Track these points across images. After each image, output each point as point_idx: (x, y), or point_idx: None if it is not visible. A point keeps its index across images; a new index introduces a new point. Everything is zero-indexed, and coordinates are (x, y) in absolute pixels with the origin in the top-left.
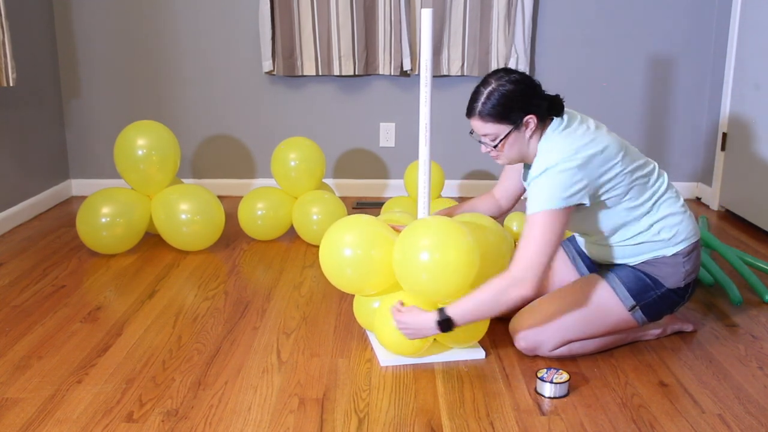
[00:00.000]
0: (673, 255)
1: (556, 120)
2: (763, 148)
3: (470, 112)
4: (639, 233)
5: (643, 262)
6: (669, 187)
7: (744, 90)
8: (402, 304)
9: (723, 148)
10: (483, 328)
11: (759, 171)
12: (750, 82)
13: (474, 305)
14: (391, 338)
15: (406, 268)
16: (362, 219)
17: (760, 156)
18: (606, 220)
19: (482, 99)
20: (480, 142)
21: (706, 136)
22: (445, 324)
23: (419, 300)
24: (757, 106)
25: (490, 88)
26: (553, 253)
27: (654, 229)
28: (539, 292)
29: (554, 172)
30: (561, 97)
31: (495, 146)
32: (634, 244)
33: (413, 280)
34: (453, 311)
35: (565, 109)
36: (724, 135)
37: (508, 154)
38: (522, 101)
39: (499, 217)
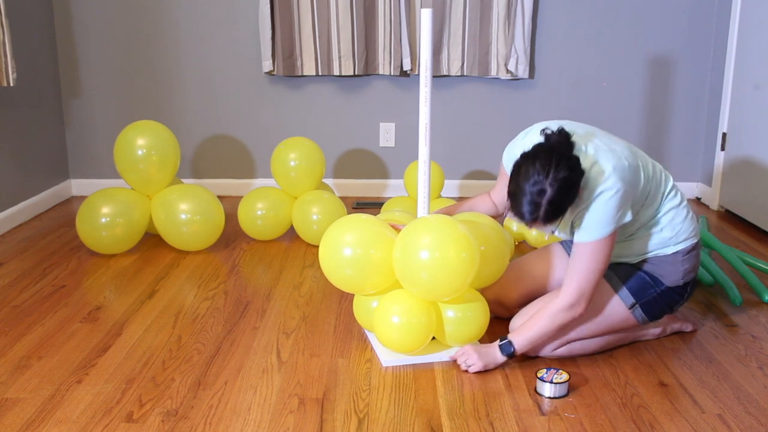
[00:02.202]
0: (673, 254)
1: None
2: (763, 148)
3: (532, 221)
4: (642, 230)
5: (642, 261)
6: (673, 186)
7: (744, 90)
8: (455, 359)
9: (723, 148)
10: (483, 328)
11: (759, 171)
12: (750, 82)
13: (536, 334)
14: (391, 335)
15: (405, 267)
16: (362, 218)
17: (760, 156)
18: (635, 224)
19: (543, 210)
20: (551, 231)
21: (706, 136)
22: (510, 354)
23: (418, 299)
24: (757, 106)
25: (547, 198)
26: (602, 274)
27: (657, 227)
28: (541, 290)
29: (609, 197)
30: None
31: (553, 231)
32: (636, 240)
33: (413, 278)
34: (517, 342)
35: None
36: (724, 135)
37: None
38: (575, 192)
39: (496, 218)
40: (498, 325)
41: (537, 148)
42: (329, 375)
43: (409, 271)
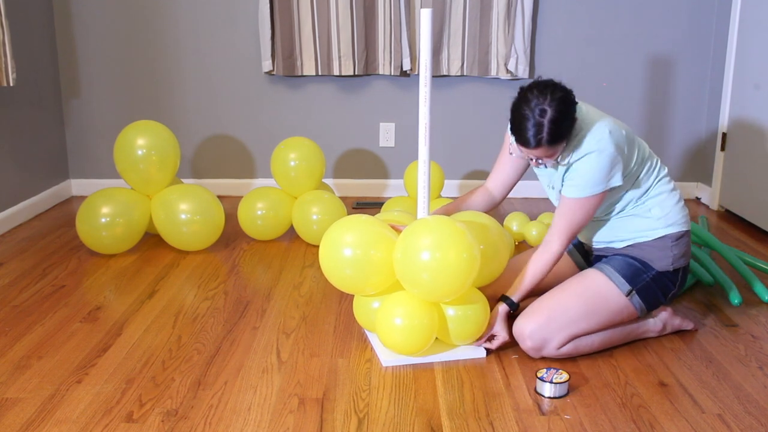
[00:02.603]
0: (660, 238)
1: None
2: (763, 148)
3: (537, 144)
4: (632, 205)
5: (629, 246)
6: (667, 174)
7: (744, 90)
8: (485, 339)
9: (723, 148)
10: (484, 326)
11: (759, 171)
12: (750, 82)
13: (530, 283)
14: (393, 338)
15: (407, 268)
16: (362, 219)
17: (760, 156)
18: (626, 195)
19: (546, 130)
20: (537, 162)
21: (706, 136)
22: (513, 306)
23: (420, 301)
24: (757, 106)
25: (549, 117)
26: (582, 226)
27: (647, 204)
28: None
29: (598, 158)
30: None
31: (555, 161)
32: (627, 219)
33: (414, 279)
34: (517, 297)
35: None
36: (724, 135)
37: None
38: (570, 117)
39: (493, 208)
40: None
41: (532, 83)
42: (329, 375)
43: (410, 272)
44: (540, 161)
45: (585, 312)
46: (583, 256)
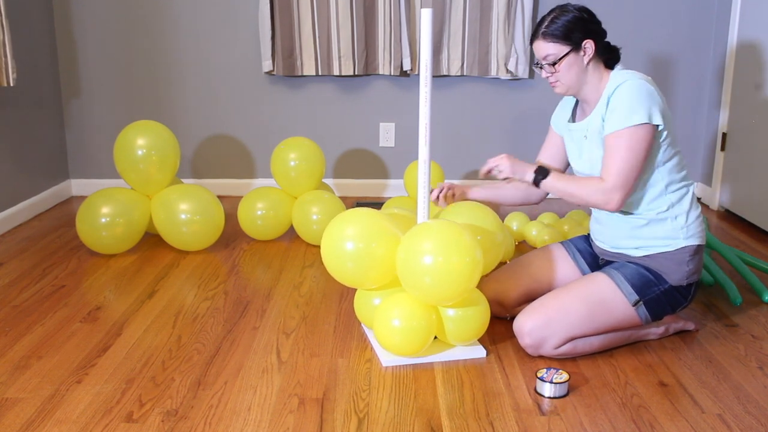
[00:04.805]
0: (679, 249)
1: (617, 66)
2: (763, 148)
3: (534, 35)
4: (661, 209)
5: (646, 256)
6: (693, 191)
7: (744, 90)
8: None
9: (723, 148)
10: (483, 327)
11: (759, 171)
12: (750, 82)
13: (565, 187)
14: (392, 339)
15: (408, 271)
16: (364, 212)
17: (760, 156)
18: (655, 174)
19: (547, 22)
20: (540, 67)
21: (706, 136)
22: (538, 180)
23: (417, 301)
24: (757, 106)
25: (554, 14)
26: (638, 173)
27: (674, 211)
28: (540, 290)
29: (636, 84)
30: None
31: (553, 65)
32: (651, 220)
33: (416, 283)
34: (551, 178)
35: None
36: (724, 135)
37: (566, 76)
38: (582, 25)
39: (537, 202)
40: (498, 324)
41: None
42: (329, 375)
43: (412, 275)
44: (542, 66)
45: (587, 316)
46: (590, 265)
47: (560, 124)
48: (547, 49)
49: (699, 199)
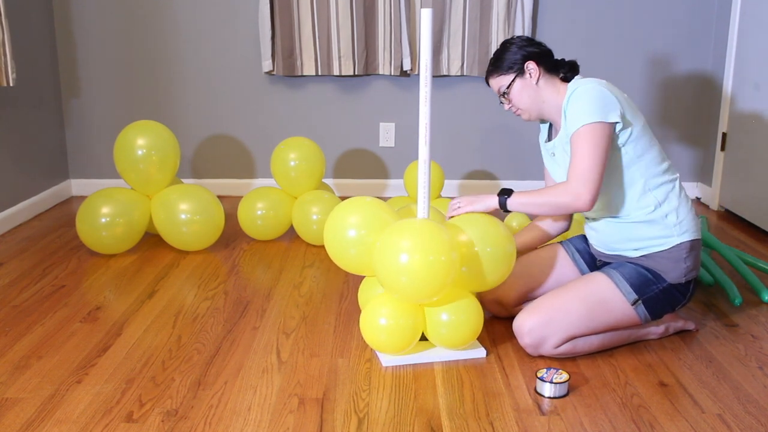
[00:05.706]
0: (675, 247)
1: (576, 77)
2: (763, 148)
3: (486, 78)
4: (649, 210)
5: (643, 256)
6: (680, 184)
7: (744, 90)
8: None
9: (723, 148)
10: (476, 331)
11: (759, 171)
12: (750, 82)
13: (531, 199)
14: (378, 337)
15: (385, 271)
16: (366, 201)
17: (760, 156)
18: (629, 173)
19: (491, 61)
20: (501, 103)
21: (706, 136)
22: (504, 200)
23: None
24: (757, 106)
25: (495, 53)
26: (603, 170)
27: (663, 210)
28: (539, 290)
29: (586, 88)
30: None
31: (504, 95)
32: (642, 222)
33: (392, 282)
34: (513, 200)
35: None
36: (724, 135)
37: (521, 101)
38: (519, 51)
39: (566, 227)
40: (498, 324)
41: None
42: (329, 375)
43: (389, 275)
44: (501, 101)
45: (587, 315)
46: (588, 264)
47: (541, 143)
48: (496, 83)
49: (699, 199)
